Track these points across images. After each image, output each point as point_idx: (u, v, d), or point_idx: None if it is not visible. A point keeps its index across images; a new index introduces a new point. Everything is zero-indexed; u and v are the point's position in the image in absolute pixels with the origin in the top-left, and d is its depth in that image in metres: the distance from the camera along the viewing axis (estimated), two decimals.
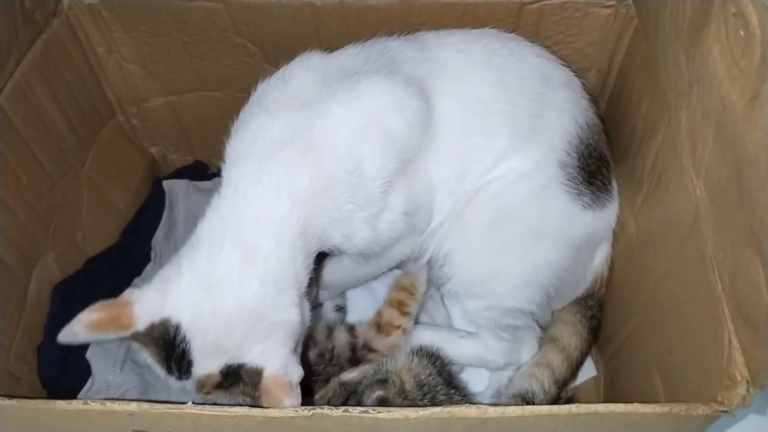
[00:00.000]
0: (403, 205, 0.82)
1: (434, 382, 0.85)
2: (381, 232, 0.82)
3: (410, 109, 0.80)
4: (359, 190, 0.78)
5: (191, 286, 0.71)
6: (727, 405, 0.57)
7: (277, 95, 0.81)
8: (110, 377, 0.94)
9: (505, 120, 0.85)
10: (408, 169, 0.82)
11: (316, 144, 0.76)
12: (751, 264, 0.55)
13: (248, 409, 0.58)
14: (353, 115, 0.78)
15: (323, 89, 0.79)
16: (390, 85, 0.80)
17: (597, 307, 0.97)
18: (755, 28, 0.53)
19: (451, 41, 0.88)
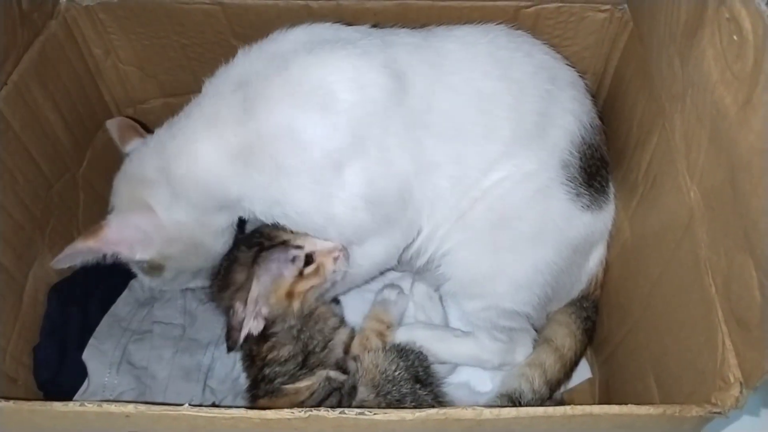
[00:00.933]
0: (362, 187, 0.81)
1: (399, 377, 0.85)
2: (337, 216, 0.82)
3: (374, 86, 0.80)
4: (291, 151, 0.79)
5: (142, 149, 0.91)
6: (720, 406, 0.57)
7: (265, 43, 0.85)
8: (106, 379, 0.94)
9: (509, 114, 0.84)
10: (370, 150, 0.80)
11: (266, 92, 0.80)
12: (744, 267, 0.56)
13: (245, 411, 0.58)
14: (306, 77, 0.79)
15: (303, 48, 0.82)
16: (356, 61, 0.80)
17: (592, 308, 0.97)
18: (748, 33, 0.53)
19: (457, 33, 0.88)
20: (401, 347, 0.90)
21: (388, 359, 0.87)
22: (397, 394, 0.84)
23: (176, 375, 0.96)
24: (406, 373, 0.87)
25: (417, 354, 0.90)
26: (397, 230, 0.87)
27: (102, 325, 0.99)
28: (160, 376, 0.95)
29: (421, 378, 0.88)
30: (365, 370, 0.86)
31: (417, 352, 0.91)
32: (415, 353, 0.90)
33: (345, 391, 0.84)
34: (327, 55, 0.80)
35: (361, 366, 0.87)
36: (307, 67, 0.80)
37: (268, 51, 0.83)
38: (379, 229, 0.85)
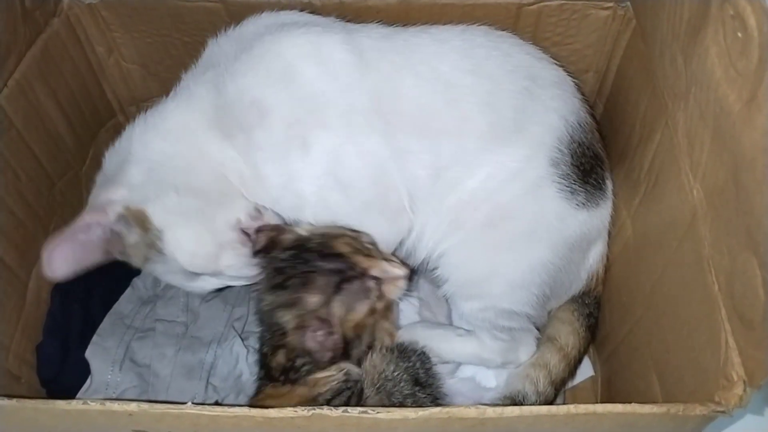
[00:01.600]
0: (329, 165, 0.83)
1: (399, 378, 0.85)
2: (307, 196, 0.84)
3: (331, 60, 0.82)
4: (257, 126, 0.83)
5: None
6: (724, 405, 0.57)
7: (231, 31, 0.90)
8: (109, 377, 0.94)
9: (482, 108, 0.84)
10: (336, 127, 0.82)
11: (231, 69, 0.84)
12: (747, 265, 0.56)
13: (248, 409, 0.58)
14: (267, 53, 0.83)
15: (266, 30, 0.86)
16: (313, 36, 0.83)
17: (594, 304, 0.97)
18: (753, 30, 0.53)
19: (431, 30, 0.89)
20: (403, 347, 0.90)
21: (386, 360, 0.87)
22: (399, 396, 0.84)
23: (179, 373, 0.96)
24: (406, 374, 0.86)
25: (419, 354, 0.90)
26: (381, 218, 0.87)
27: (105, 323, 0.99)
28: (162, 373, 0.95)
29: (422, 380, 0.88)
30: (365, 372, 0.86)
31: (419, 353, 0.90)
32: (417, 354, 0.90)
33: (356, 391, 0.83)
34: (287, 33, 0.84)
35: (365, 370, 0.86)
36: (268, 44, 0.84)
37: (234, 35, 0.89)
38: (358, 215, 0.85)
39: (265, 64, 0.83)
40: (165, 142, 0.88)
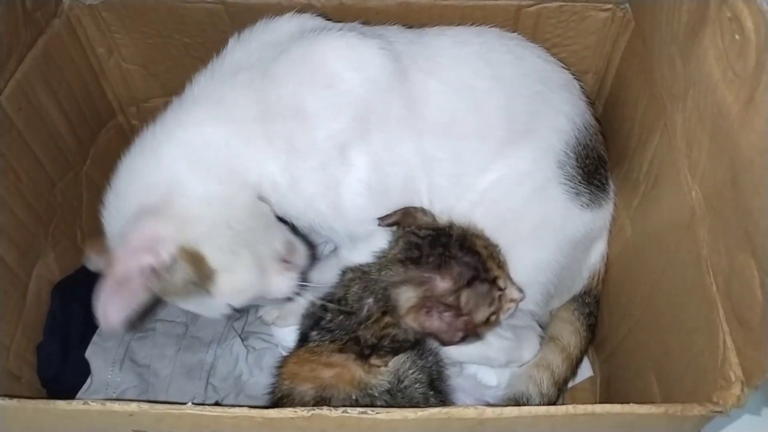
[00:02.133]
0: (368, 174, 0.80)
1: (415, 379, 0.85)
2: (343, 204, 0.81)
3: (373, 67, 0.80)
4: (299, 133, 0.78)
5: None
6: (721, 405, 0.57)
7: (255, 31, 0.85)
8: (109, 376, 0.94)
9: (500, 114, 0.84)
10: (373, 135, 0.80)
11: (267, 73, 0.79)
12: (745, 266, 0.56)
13: (248, 409, 0.58)
14: (308, 57, 0.79)
15: (298, 33, 0.82)
16: (353, 41, 0.80)
17: (594, 303, 0.97)
18: (750, 33, 0.53)
19: (448, 33, 0.88)
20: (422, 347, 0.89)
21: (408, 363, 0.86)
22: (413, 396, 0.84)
23: (179, 373, 0.96)
24: (423, 375, 0.86)
25: (435, 354, 0.89)
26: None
27: None
28: (162, 373, 0.96)
29: (435, 381, 0.87)
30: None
31: (434, 353, 0.89)
32: (433, 353, 0.89)
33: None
34: (325, 37, 0.81)
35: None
36: (308, 47, 0.80)
37: (262, 39, 0.84)
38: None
39: (307, 69, 0.79)
40: (211, 165, 0.79)
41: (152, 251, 0.74)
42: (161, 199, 0.77)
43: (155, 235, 0.75)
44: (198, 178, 0.78)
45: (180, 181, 0.78)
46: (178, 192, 0.77)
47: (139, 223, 0.76)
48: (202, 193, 0.78)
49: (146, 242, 0.74)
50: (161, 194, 0.77)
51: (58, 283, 0.94)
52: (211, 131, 0.79)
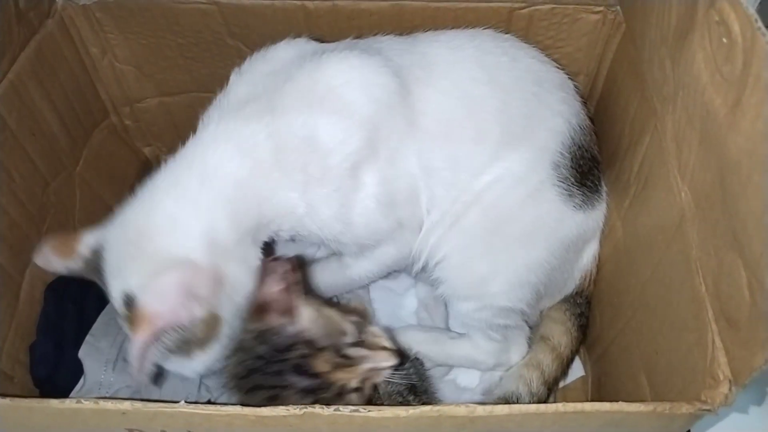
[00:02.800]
0: (376, 188, 0.81)
1: (392, 390, 0.85)
2: (354, 221, 0.81)
3: (376, 86, 0.80)
4: (313, 162, 0.78)
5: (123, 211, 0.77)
6: (710, 404, 0.58)
7: (254, 62, 0.85)
8: (102, 376, 0.94)
9: (497, 116, 0.85)
10: (380, 151, 0.81)
11: (275, 105, 0.78)
12: (733, 266, 0.56)
13: (240, 408, 0.58)
14: (313, 84, 0.79)
15: (298, 59, 0.82)
16: (356, 62, 0.80)
17: (585, 304, 0.98)
18: (737, 36, 0.54)
19: (442, 38, 0.89)
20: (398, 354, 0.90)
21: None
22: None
23: (172, 374, 0.96)
24: (401, 385, 0.87)
25: (413, 360, 0.90)
26: (407, 233, 0.87)
27: (98, 322, 0.99)
28: None
29: (417, 386, 0.88)
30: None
31: (413, 359, 0.91)
32: (411, 360, 0.90)
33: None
34: (327, 60, 0.80)
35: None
36: (311, 73, 0.80)
37: (262, 70, 0.83)
38: (392, 232, 0.86)
39: (314, 96, 0.79)
40: (241, 210, 0.76)
41: (187, 309, 0.71)
42: (197, 249, 0.73)
43: (193, 292, 0.71)
44: (233, 227, 0.75)
45: (217, 230, 0.74)
46: (213, 244, 0.73)
47: (176, 275, 0.71)
48: (234, 247, 0.75)
49: (183, 298, 0.70)
50: (197, 245, 0.73)
51: (51, 282, 0.94)
52: (233, 169, 0.76)
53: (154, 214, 0.74)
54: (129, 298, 0.72)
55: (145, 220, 0.74)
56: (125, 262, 0.73)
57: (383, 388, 0.84)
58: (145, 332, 0.68)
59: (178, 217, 0.74)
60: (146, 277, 0.71)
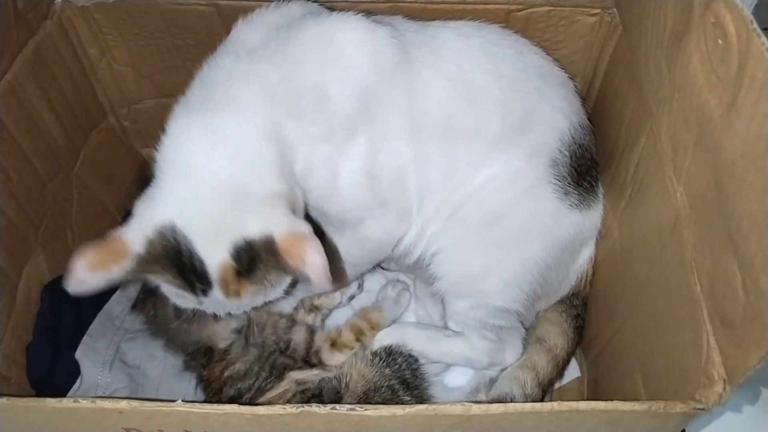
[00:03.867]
0: (366, 160, 0.80)
1: (386, 383, 0.87)
2: (341, 188, 0.80)
3: (383, 55, 0.80)
4: (323, 114, 0.77)
5: (170, 184, 0.71)
6: (704, 403, 0.58)
7: (265, 13, 0.83)
8: (99, 377, 0.94)
9: (498, 108, 0.85)
10: (376, 123, 0.80)
11: (288, 51, 0.77)
12: (728, 266, 0.57)
13: (237, 406, 0.58)
14: (327, 37, 0.78)
15: (311, 14, 0.81)
16: (371, 26, 0.80)
17: (582, 306, 0.98)
18: (732, 38, 0.54)
19: (452, 25, 0.89)
20: (390, 351, 0.91)
21: (374, 370, 0.88)
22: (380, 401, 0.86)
23: (168, 373, 0.96)
24: (394, 380, 0.87)
25: (405, 357, 0.91)
26: (391, 214, 0.86)
27: (95, 323, 0.99)
28: (152, 374, 0.96)
29: (408, 381, 0.89)
30: (353, 383, 0.87)
31: (406, 356, 0.92)
32: (403, 356, 0.91)
33: (325, 398, 0.84)
34: (341, 17, 0.80)
35: (350, 380, 0.87)
36: (327, 27, 0.78)
37: (271, 21, 0.81)
38: (375, 210, 0.84)
39: (327, 49, 0.77)
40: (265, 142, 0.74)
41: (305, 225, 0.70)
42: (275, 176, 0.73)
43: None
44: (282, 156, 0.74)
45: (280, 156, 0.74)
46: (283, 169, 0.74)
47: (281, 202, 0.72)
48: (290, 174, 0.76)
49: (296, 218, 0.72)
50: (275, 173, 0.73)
51: (48, 283, 0.94)
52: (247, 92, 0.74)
53: (221, 164, 0.71)
54: (242, 247, 0.70)
55: (217, 174, 0.70)
56: (225, 218, 0.70)
57: (371, 380, 0.85)
58: (313, 245, 0.67)
59: (247, 162, 0.72)
60: (262, 215, 0.70)
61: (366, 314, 0.96)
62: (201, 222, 0.70)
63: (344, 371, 0.88)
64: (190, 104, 0.75)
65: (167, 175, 0.72)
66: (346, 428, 0.60)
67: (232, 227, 0.70)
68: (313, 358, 0.91)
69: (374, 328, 0.95)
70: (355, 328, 0.94)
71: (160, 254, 0.70)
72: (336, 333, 0.94)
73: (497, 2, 0.93)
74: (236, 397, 0.86)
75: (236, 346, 0.89)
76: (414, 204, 0.86)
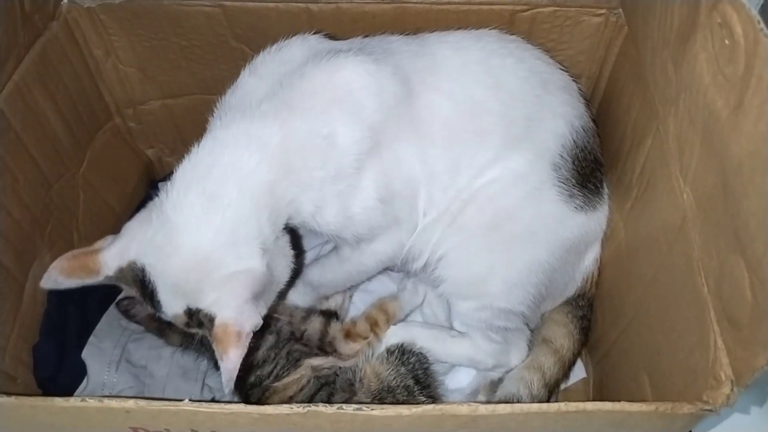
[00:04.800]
0: (377, 188, 0.82)
1: (402, 383, 0.87)
2: (354, 216, 0.83)
3: (388, 93, 0.82)
4: (331, 159, 0.79)
5: (156, 229, 0.74)
6: (712, 404, 0.58)
7: (268, 60, 0.85)
8: (105, 377, 0.94)
9: (499, 120, 0.86)
10: (384, 153, 0.82)
11: (293, 103, 0.78)
12: (736, 267, 0.57)
13: (244, 406, 0.59)
14: (332, 84, 0.80)
15: (312, 60, 0.82)
16: (372, 68, 0.81)
17: (588, 306, 0.98)
18: (740, 38, 0.54)
19: (450, 40, 0.89)
20: (403, 349, 0.92)
21: (390, 368, 0.89)
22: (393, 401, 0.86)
23: (175, 374, 0.96)
24: (409, 379, 0.88)
25: (418, 356, 0.92)
26: (403, 229, 0.89)
27: (101, 323, 1.00)
28: (158, 374, 0.96)
29: (421, 379, 0.89)
30: (367, 380, 0.87)
31: (418, 354, 0.92)
32: (416, 355, 0.92)
33: (338, 387, 0.85)
34: (343, 62, 0.81)
35: (363, 376, 0.88)
36: (331, 74, 0.80)
37: (275, 67, 0.83)
38: (388, 227, 0.87)
39: (331, 96, 0.80)
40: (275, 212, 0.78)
41: (259, 312, 0.74)
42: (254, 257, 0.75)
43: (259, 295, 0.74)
44: (272, 228, 0.78)
45: (263, 235, 0.76)
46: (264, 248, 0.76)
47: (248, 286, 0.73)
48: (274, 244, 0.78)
49: (255, 304, 0.73)
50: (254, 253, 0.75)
51: None
52: (267, 175, 0.76)
53: (204, 232, 0.73)
54: (193, 313, 0.75)
55: (196, 241, 0.73)
56: (187, 284, 0.74)
57: (386, 378, 0.86)
58: (240, 346, 0.70)
59: (230, 232, 0.74)
60: (219, 294, 0.73)
61: (383, 305, 0.97)
62: (166, 279, 0.74)
63: (359, 365, 0.89)
64: (195, 164, 0.77)
65: (159, 222, 0.75)
66: (353, 428, 0.60)
67: (191, 293, 0.74)
68: (328, 347, 0.92)
69: (390, 320, 0.95)
70: (371, 319, 0.95)
71: (128, 278, 0.77)
72: (351, 324, 0.94)
73: (502, 3, 0.93)
74: (255, 385, 0.87)
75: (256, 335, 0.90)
76: (420, 217, 0.89)
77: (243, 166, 0.75)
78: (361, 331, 0.93)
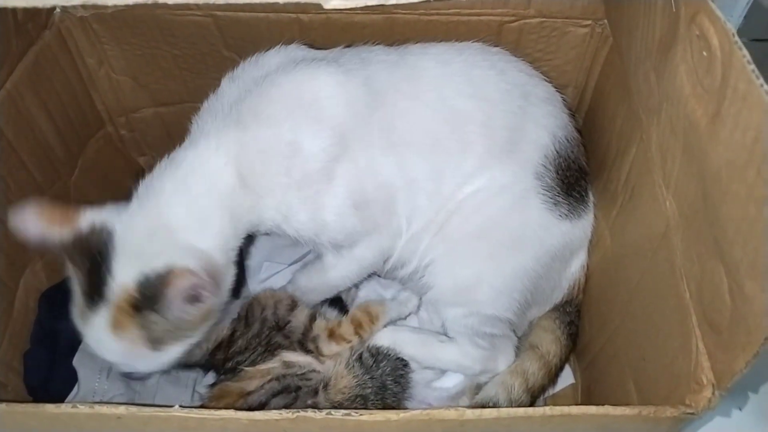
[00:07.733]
0: (351, 194, 0.84)
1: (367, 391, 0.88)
2: (328, 222, 0.85)
3: (357, 102, 0.83)
4: (296, 165, 0.82)
5: (139, 207, 0.80)
6: (694, 408, 0.59)
7: (246, 67, 0.88)
8: (96, 384, 0.94)
9: (481, 130, 0.87)
10: (356, 160, 0.84)
11: (259, 110, 0.82)
12: (715, 272, 0.58)
13: (234, 411, 0.59)
14: (299, 92, 0.83)
15: (287, 65, 0.85)
16: (341, 78, 0.83)
17: (575, 313, 0.99)
18: (716, 50, 0.56)
19: (432, 51, 0.91)
20: (378, 351, 0.92)
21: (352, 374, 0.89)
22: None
23: (165, 380, 0.97)
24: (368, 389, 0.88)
25: (393, 361, 0.92)
26: (384, 235, 0.89)
27: None
28: (149, 381, 0.96)
29: (389, 386, 0.90)
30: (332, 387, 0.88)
31: (394, 359, 0.92)
32: (390, 360, 0.92)
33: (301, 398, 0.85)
34: (314, 71, 0.83)
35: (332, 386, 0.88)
36: (297, 82, 0.83)
37: (251, 74, 0.86)
38: (367, 233, 0.88)
39: (298, 104, 0.82)
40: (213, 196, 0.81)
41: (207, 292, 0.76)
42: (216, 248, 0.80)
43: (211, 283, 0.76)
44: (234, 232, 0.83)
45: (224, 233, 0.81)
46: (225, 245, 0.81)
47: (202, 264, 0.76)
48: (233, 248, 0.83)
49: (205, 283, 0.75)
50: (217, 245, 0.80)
51: (45, 291, 0.95)
52: (219, 170, 0.81)
53: (173, 207, 0.79)
54: (148, 279, 0.75)
55: (166, 213, 0.79)
56: (150, 245, 0.77)
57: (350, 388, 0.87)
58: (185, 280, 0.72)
59: (196, 218, 0.80)
60: (177, 261, 0.75)
61: (367, 307, 0.97)
62: (130, 239, 0.77)
63: (330, 373, 0.89)
64: (171, 160, 0.83)
65: (134, 200, 0.81)
66: None
67: (148, 256, 0.76)
68: (310, 344, 0.91)
69: (373, 322, 0.95)
70: (356, 321, 0.94)
71: (89, 244, 0.77)
72: (336, 323, 0.94)
73: (490, 14, 0.94)
74: (231, 370, 0.88)
75: (239, 327, 0.91)
76: (404, 225, 0.90)
77: (211, 166, 0.81)
78: (344, 332, 0.93)
